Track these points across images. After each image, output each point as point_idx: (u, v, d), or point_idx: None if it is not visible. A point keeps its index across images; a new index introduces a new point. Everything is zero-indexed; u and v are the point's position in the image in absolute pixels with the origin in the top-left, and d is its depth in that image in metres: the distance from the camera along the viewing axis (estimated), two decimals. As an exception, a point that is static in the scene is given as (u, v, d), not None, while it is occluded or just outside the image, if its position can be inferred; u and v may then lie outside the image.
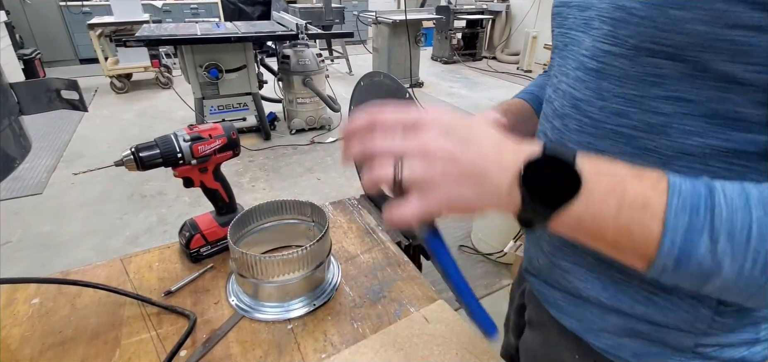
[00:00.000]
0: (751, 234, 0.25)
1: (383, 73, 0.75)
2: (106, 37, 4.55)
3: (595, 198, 0.28)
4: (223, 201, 0.77)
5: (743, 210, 0.25)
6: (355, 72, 5.65)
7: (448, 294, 0.82)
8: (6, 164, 0.47)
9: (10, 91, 0.50)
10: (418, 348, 0.58)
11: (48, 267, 2.01)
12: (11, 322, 0.62)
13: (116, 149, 3.22)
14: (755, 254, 0.25)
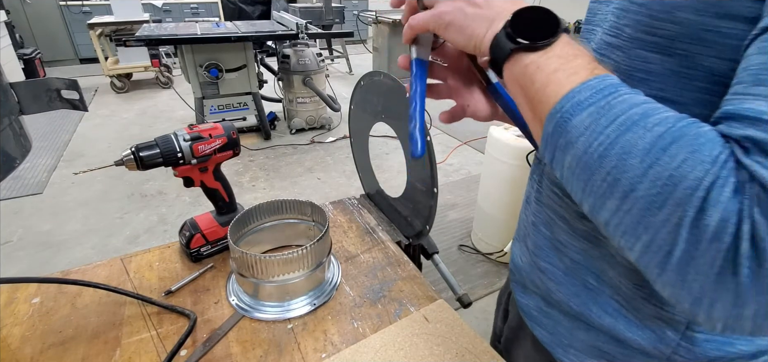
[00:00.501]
0: (609, 120, 0.26)
1: (383, 73, 0.75)
2: (106, 37, 4.55)
3: (547, 54, 0.31)
4: (223, 201, 0.77)
5: (618, 116, 0.27)
6: (355, 72, 5.65)
7: (448, 294, 0.83)
8: (6, 164, 0.47)
9: (11, 90, 0.50)
10: (418, 347, 0.58)
11: (48, 267, 2.01)
12: (12, 321, 0.62)
13: (116, 149, 3.22)
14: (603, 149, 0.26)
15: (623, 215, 0.26)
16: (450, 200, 2.65)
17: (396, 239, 0.85)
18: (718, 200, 0.22)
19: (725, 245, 0.22)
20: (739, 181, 0.23)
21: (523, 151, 1.72)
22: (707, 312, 0.24)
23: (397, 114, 0.74)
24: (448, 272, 0.86)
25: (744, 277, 0.22)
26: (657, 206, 0.24)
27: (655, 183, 0.24)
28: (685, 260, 0.24)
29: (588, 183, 0.28)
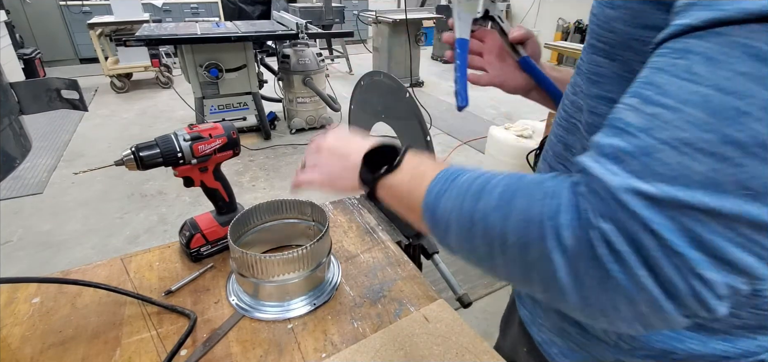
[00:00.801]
0: (475, 182, 0.32)
1: (383, 73, 0.75)
2: (106, 37, 4.55)
3: (400, 172, 0.40)
4: (224, 201, 0.77)
5: (477, 175, 0.33)
6: (356, 71, 5.65)
7: (448, 294, 0.83)
8: (6, 164, 0.47)
9: (11, 90, 0.50)
10: (418, 347, 0.58)
11: (48, 267, 2.01)
12: (12, 321, 0.62)
13: (116, 149, 3.22)
14: (466, 217, 0.32)
15: (511, 266, 0.29)
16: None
17: (396, 239, 0.85)
18: (564, 223, 0.25)
19: (589, 255, 0.24)
20: (576, 196, 0.25)
21: (523, 150, 1.72)
22: (615, 319, 0.26)
23: (397, 114, 0.74)
24: (448, 272, 0.86)
25: (620, 278, 0.23)
26: (526, 247, 0.27)
27: (516, 230, 0.28)
28: (572, 283, 0.25)
29: (475, 252, 0.32)
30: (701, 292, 0.22)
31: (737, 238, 0.21)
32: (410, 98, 0.69)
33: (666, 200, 0.22)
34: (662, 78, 0.24)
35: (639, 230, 0.22)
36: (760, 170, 0.20)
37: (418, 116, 0.67)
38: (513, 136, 1.79)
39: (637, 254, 0.23)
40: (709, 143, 0.21)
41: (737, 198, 0.21)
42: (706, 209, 0.21)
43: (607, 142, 0.25)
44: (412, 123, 0.69)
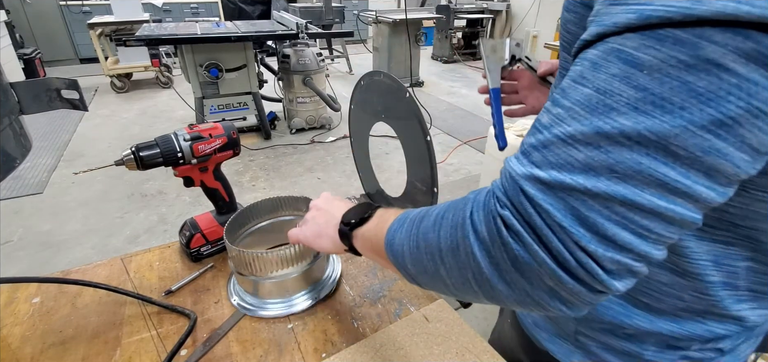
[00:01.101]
0: (418, 215, 0.37)
1: (383, 73, 0.75)
2: (107, 37, 4.55)
3: (370, 223, 0.45)
4: (224, 200, 0.77)
5: (422, 209, 0.37)
6: (356, 71, 5.65)
7: (448, 293, 0.83)
8: (6, 164, 0.47)
9: (11, 90, 0.50)
10: (418, 347, 0.58)
11: (48, 266, 2.01)
12: (12, 321, 0.62)
13: (116, 149, 3.22)
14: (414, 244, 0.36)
15: (451, 272, 0.32)
16: (450, 199, 2.65)
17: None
18: (477, 219, 0.29)
19: (498, 241, 0.28)
20: (488, 195, 0.30)
21: (523, 151, 1.72)
22: (538, 300, 0.28)
23: (397, 114, 0.73)
24: (448, 271, 0.86)
25: (523, 257, 0.27)
26: (456, 249, 0.31)
27: (446, 238, 0.32)
28: (494, 270, 0.29)
29: (426, 271, 0.35)
30: (587, 264, 0.25)
31: (613, 216, 0.24)
32: (410, 98, 0.69)
33: (555, 184, 0.26)
34: (566, 83, 0.28)
35: (532, 211, 0.26)
36: (624, 155, 0.24)
37: (418, 116, 0.67)
38: (513, 135, 1.80)
39: (531, 232, 0.26)
40: (586, 135, 0.25)
41: (608, 180, 0.24)
42: (585, 191, 0.25)
43: (526, 140, 0.29)
44: (412, 123, 0.69)
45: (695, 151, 0.23)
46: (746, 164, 0.23)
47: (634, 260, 0.25)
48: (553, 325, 0.51)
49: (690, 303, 0.39)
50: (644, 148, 0.24)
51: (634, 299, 0.42)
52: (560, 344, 0.50)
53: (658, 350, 0.43)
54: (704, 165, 0.23)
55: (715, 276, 0.37)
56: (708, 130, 0.22)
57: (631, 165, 0.24)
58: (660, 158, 0.23)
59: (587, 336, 0.47)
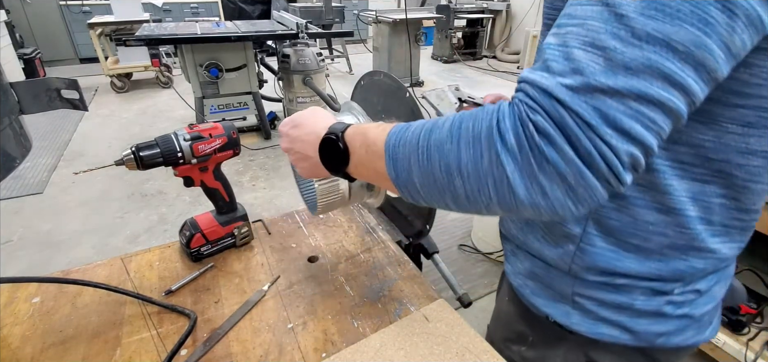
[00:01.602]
0: (424, 129, 0.38)
1: (383, 73, 0.75)
2: (107, 37, 4.55)
3: (356, 150, 0.45)
4: (224, 200, 0.77)
5: (425, 123, 0.39)
6: (356, 71, 5.64)
7: (448, 293, 0.83)
8: (6, 164, 0.47)
9: (11, 90, 0.50)
10: (419, 347, 0.58)
11: (48, 266, 2.01)
12: (12, 321, 0.62)
13: (116, 149, 3.22)
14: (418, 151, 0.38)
15: (467, 182, 0.35)
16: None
17: (396, 238, 0.85)
18: (505, 128, 0.32)
19: (528, 146, 0.31)
20: (513, 106, 0.33)
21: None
22: (553, 202, 0.32)
23: (397, 113, 0.73)
24: (449, 271, 0.86)
25: (552, 156, 0.30)
26: (480, 158, 0.33)
27: (468, 147, 0.34)
28: (519, 174, 0.32)
29: (436, 182, 0.37)
30: (610, 158, 0.29)
31: (629, 111, 0.29)
32: (410, 98, 0.69)
33: (581, 87, 0.29)
34: (570, 9, 0.33)
35: (564, 113, 0.29)
36: (636, 53, 0.28)
37: (418, 116, 0.67)
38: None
39: (562, 134, 0.30)
40: (602, 41, 0.29)
41: (625, 76, 0.29)
42: (606, 89, 0.29)
43: (540, 62, 0.33)
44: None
45: (690, 45, 0.28)
46: (722, 61, 0.29)
47: (642, 152, 0.30)
48: (551, 291, 0.53)
49: (673, 239, 0.44)
50: (652, 45, 0.28)
51: (625, 243, 0.45)
52: (558, 307, 0.53)
53: (646, 298, 0.48)
54: (695, 59, 0.28)
55: (693, 211, 0.42)
56: (697, 27, 0.27)
57: (643, 61, 0.28)
58: (664, 53, 0.28)
59: (583, 296, 0.50)
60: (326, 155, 0.48)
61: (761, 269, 1.53)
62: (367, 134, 0.44)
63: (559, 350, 0.57)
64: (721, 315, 0.75)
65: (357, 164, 0.46)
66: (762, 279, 1.49)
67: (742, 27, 0.28)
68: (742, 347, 1.28)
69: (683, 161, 0.39)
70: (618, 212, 0.44)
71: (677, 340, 0.49)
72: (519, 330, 0.63)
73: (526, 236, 0.56)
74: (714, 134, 0.38)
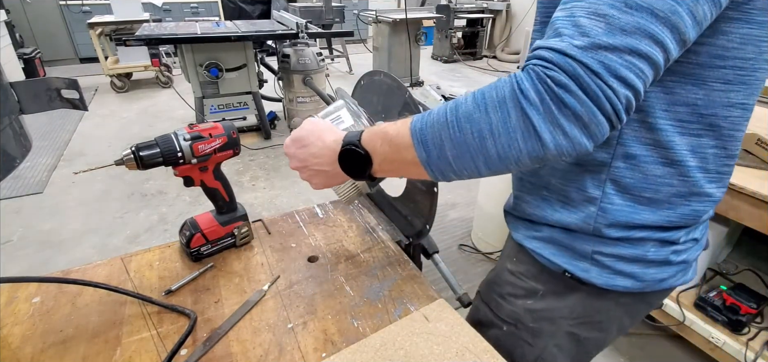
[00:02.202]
0: (448, 107, 0.45)
1: (383, 72, 0.75)
2: (106, 36, 4.54)
3: (377, 150, 0.51)
4: (224, 200, 0.77)
5: (446, 104, 0.45)
6: (356, 71, 5.64)
7: (448, 293, 0.83)
8: (6, 163, 0.47)
9: (11, 90, 0.50)
10: (419, 346, 0.58)
11: (49, 266, 2.01)
12: (12, 321, 0.62)
13: (116, 148, 3.22)
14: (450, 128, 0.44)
15: (499, 140, 0.41)
16: (450, 199, 2.66)
17: (396, 238, 0.85)
18: (525, 87, 0.39)
19: (548, 96, 0.38)
20: (528, 70, 0.40)
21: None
22: (572, 139, 0.39)
23: (397, 113, 0.73)
24: (449, 271, 0.86)
25: (569, 101, 0.38)
26: (507, 117, 0.40)
27: (495, 110, 0.41)
28: (542, 121, 0.39)
29: (468, 151, 0.43)
30: (613, 100, 0.37)
31: (624, 62, 0.37)
32: (410, 98, 0.69)
33: (588, 45, 0.37)
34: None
35: (576, 65, 0.37)
36: (628, 19, 0.37)
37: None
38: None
39: (577, 82, 0.37)
40: (602, 10, 0.38)
41: (622, 36, 0.37)
42: (608, 46, 0.37)
43: (551, 32, 0.41)
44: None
45: (667, 13, 0.37)
46: (690, 27, 0.38)
47: (634, 96, 0.38)
48: (571, 251, 0.58)
49: (678, 187, 0.51)
50: (640, 12, 0.37)
51: (639, 197, 0.52)
52: (578, 264, 0.58)
53: (656, 249, 0.55)
54: (671, 23, 0.37)
55: (693, 161, 0.50)
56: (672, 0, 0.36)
57: (634, 24, 0.37)
58: (650, 18, 0.37)
59: (601, 253, 0.56)
60: (348, 164, 0.54)
61: (761, 269, 1.53)
62: (387, 131, 0.50)
63: (569, 300, 0.62)
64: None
65: (381, 162, 0.51)
66: (762, 278, 1.49)
67: (704, 0, 0.37)
68: (742, 347, 1.28)
69: (682, 120, 0.47)
70: (631, 170, 0.51)
71: (672, 282, 0.58)
72: (528, 286, 0.65)
73: (543, 211, 0.60)
74: (703, 92, 0.46)
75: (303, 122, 0.60)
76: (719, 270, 1.53)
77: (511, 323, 0.68)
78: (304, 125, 0.59)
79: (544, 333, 0.65)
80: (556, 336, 0.65)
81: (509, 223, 0.69)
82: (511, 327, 0.68)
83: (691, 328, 1.40)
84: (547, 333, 0.65)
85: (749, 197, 1.10)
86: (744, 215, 1.14)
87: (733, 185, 1.12)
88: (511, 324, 0.68)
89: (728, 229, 1.45)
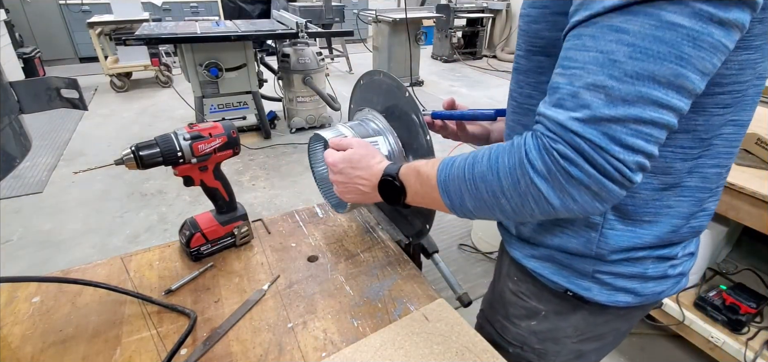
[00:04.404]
0: (466, 163, 0.47)
1: (383, 72, 0.75)
2: (106, 36, 4.54)
3: (411, 185, 0.55)
4: (223, 200, 0.77)
5: (465, 157, 0.48)
6: (355, 70, 5.64)
7: (448, 293, 0.83)
8: (6, 163, 0.47)
9: (10, 89, 0.50)
10: (418, 346, 0.58)
11: (48, 266, 2.01)
12: (12, 320, 0.62)
13: (116, 148, 3.22)
14: (468, 180, 0.47)
15: (512, 201, 0.43)
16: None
17: (396, 238, 0.85)
18: (534, 157, 0.40)
19: (555, 169, 0.39)
20: (536, 138, 0.41)
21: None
22: (582, 204, 0.40)
23: (397, 113, 0.73)
24: (448, 271, 0.86)
25: (576, 174, 0.38)
26: (517, 183, 0.42)
27: (507, 176, 0.43)
28: (551, 190, 0.40)
29: (486, 204, 0.46)
30: (622, 169, 0.37)
31: (630, 131, 0.36)
32: (410, 97, 0.69)
33: (590, 118, 0.37)
34: (571, 53, 0.39)
35: (580, 141, 0.37)
36: (630, 88, 0.36)
37: (418, 115, 0.67)
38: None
39: (581, 156, 0.37)
40: (602, 81, 0.37)
41: (623, 107, 0.36)
42: (610, 118, 0.36)
43: (550, 99, 0.41)
44: (413, 122, 0.69)
45: (670, 76, 0.35)
46: (698, 82, 0.36)
47: (644, 158, 0.38)
48: (571, 270, 0.59)
49: (678, 208, 0.52)
50: (641, 80, 0.35)
51: (640, 221, 0.53)
52: (580, 282, 0.58)
53: (656, 265, 0.56)
54: (676, 84, 0.35)
55: (692, 181, 0.51)
56: (676, 62, 0.35)
57: (635, 93, 0.36)
58: (652, 85, 0.35)
59: (602, 272, 0.56)
60: (385, 192, 0.59)
61: (761, 269, 1.53)
62: (419, 171, 0.54)
63: (572, 319, 0.62)
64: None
65: (414, 196, 0.56)
66: (762, 278, 1.49)
67: (710, 54, 0.35)
68: (742, 346, 1.28)
69: (683, 146, 0.47)
70: (632, 197, 0.51)
71: (669, 293, 0.59)
72: (530, 306, 0.66)
73: (542, 235, 0.60)
74: (703, 118, 0.46)
75: (352, 142, 0.64)
76: (719, 270, 1.53)
77: (517, 345, 0.69)
78: (357, 149, 0.63)
79: (550, 353, 0.66)
80: (561, 354, 0.66)
81: (505, 240, 0.69)
82: (518, 348, 0.69)
83: (690, 328, 1.40)
84: (552, 352, 0.66)
85: (749, 197, 1.10)
86: (744, 215, 1.14)
87: (733, 185, 1.12)
88: (518, 346, 0.69)
89: (728, 229, 1.45)
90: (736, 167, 1.19)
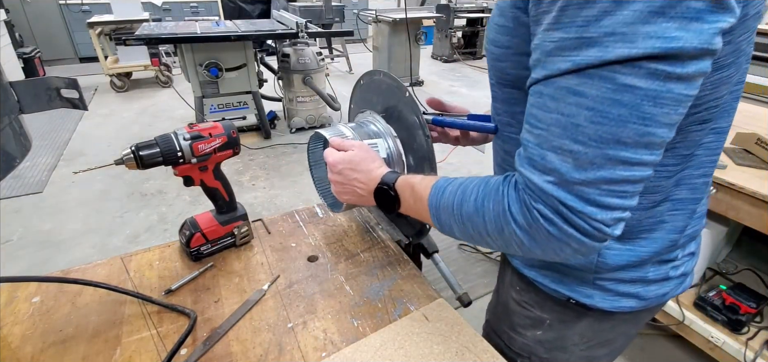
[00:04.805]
0: (455, 198, 0.48)
1: (383, 72, 0.75)
2: (106, 36, 4.54)
3: (405, 199, 0.57)
4: (223, 200, 0.77)
5: (455, 189, 0.49)
6: (355, 70, 5.64)
7: (448, 293, 0.83)
8: (6, 163, 0.47)
9: (10, 89, 0.50)
10: (418, 346, 0.58)
11: (48, 266, 2.01)
12: (12, 320, 0.62)
13: (116, 148, 3.22)
14: (454, 208, 0.48)
15: (496, 242, 0.45)
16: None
17: (396, 237, 0.85)
18: (515, 211, 0.41)
19: (535, 226, 0.40)
20: (518, 192, 0.42)
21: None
22: (562, 256, 0.42)
23: (397, 113, 0.73)
24: (448, 271, 0.86)
25: (555, 233, 0.39)
26: (501, 231, 0.43)
27: (491, 223, 0.44)
28: (532, 243, 0.41)
29: (473, 238, 0.48)
30: (600, 227, 0.38)
31: (603, 191, 0.37)
32: (410, 97, 0.69)
33: (561, 183, 0.38)
34: (535, 111, 0.40)
35: (557, 203, 0.38)
36: (596, 152, 0.36)
37: (417, 116, 0.67)
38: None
39: (559, 216, 0.38)
40: (566, 145, 0.37)
41: (593, 170, 0.36)
42: (581, 181, 0.37)
43: (525, 154, 0.41)
44: (412, 122, 0.69)
45: (635, 137, 0.35)
46: (666, 133, 0.35)
47: (622, 212, 0.38)
48: (572, 278, 0.59)
49: (672, 221, 0.53)
50: (606, 144, 0.35)
51: (636, 239, 0.54)
52: (581, 290, 0.59)
53: (656, 268, 0.56)
54: (643, 142, 0.35)
55: (681, 194, 0.52)
56: (639, 122, 0.34)
57: (602, 156, 0.36)
58: (617, 147, 0.35)
59: (603, 278, 0.57)
60: (381, 200, 0.60)
61: (761, 269, 1.53)
62: (414, 188, 0.55)
63: (577, 327, 0.62)
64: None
65: (407, 208, 0.57)
66: (761, 278, 1.49)
67: (674, 107, 0.34)
68: (742, 346, 1.28)
69: (666, 165, 0.48)
70: None
71: (673, 294, 0.59)
72: (534, 315, 0.66)
73: (540, 260, 0.60)
74: (681, 136, 0.46)
75: (353, 144, 0.65)
76: (719, 270, 1.53)
77: (524, 356, 0.69)
78: (357, 151, 0.63)
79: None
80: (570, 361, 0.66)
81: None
82: (526, 359, 0.69)
83: (690, 328, 1.40)
84: (561, 361, 0.66)
85: (749, 197, 1.10)
86: (744, 215, 1.14)
87: (733, 185, 1.12)
88: (525, 357, 0.69)
89: (728, 229, 1.45)
90: (736, 167, 1.19)
